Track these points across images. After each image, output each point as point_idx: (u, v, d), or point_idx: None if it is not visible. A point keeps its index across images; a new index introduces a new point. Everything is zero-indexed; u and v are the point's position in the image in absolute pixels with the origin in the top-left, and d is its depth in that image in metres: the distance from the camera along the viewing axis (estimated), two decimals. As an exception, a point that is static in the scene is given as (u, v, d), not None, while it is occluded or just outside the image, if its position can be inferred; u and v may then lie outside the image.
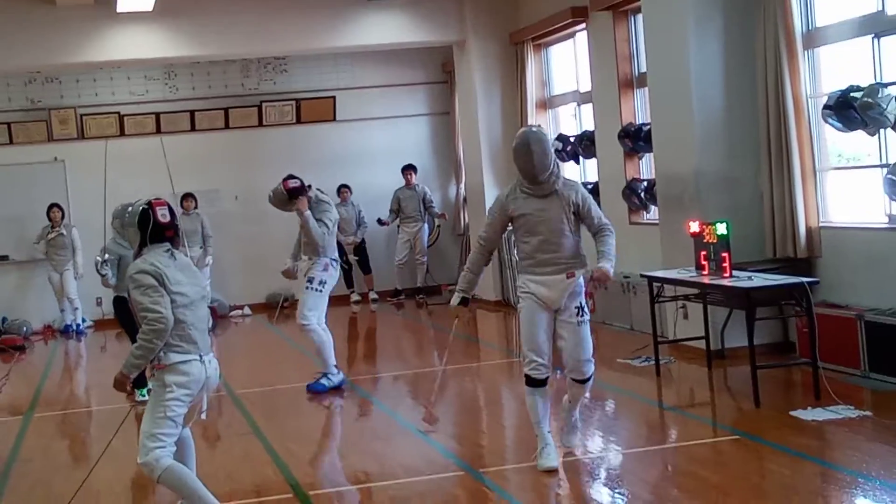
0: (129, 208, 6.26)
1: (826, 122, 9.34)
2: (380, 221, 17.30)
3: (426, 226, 17.35)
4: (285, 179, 10.49)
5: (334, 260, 10.57)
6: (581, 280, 7.03)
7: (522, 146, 6.88)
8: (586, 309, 7.07)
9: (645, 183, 12.39)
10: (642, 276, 10.26)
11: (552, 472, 6.77)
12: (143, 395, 6.05)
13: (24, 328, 16.37)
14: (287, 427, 9.12)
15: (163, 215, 6.13)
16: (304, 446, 8.34)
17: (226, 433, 9.34)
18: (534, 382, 7.00)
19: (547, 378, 7.02)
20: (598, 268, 6.98)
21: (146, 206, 6.14)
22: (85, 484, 7.50)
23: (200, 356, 6.08)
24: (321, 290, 10.52)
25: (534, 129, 7.08)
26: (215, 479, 7.16)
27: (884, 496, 6.10)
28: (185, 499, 6.23)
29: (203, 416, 6.41)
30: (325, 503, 6.72)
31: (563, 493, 6.74)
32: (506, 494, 6.63)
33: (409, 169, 17.23)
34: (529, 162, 6.86)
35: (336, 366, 10.49)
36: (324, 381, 10.36)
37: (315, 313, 10.48)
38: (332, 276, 10.58)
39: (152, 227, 6.10)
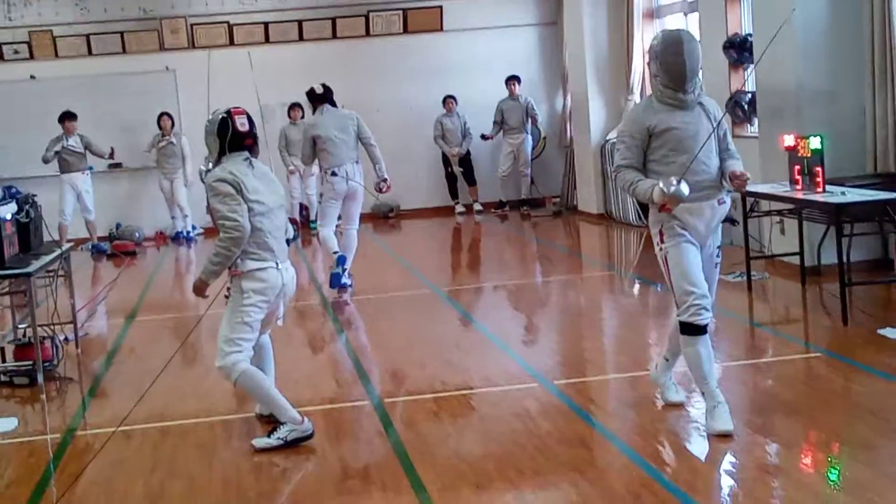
0: (209, 117, 6.35)
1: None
2: (483, 136, 17.22)
3: (530, 137, 17.19)
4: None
5: (330, 172, 10.93)
6: (728, 207, 6.10)
7: (674, 43, 5.87)
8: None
9: (749, 95, 12.10)
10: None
11: (727, 436, 5.83)
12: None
13: (137, 234, 16.83)
14: (374, 335, 9.25)
15: (241, 124, 6.21)
16: (387, 355, 8.45)
17: (311, 339, 9.51)
18: (696, 330, 5.94)
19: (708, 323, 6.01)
20: (734, 170, 5.96)
21: (225, 115, 6.23)
22: (172, 387, 7.79)
23: (277, 264, 6.19)
24: (322, 202, 11.34)
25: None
26: (295, 384, 7.31)
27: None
28: (260, 403, 6.42)
29: (279, 323, 6.55)
30: (398, 410, 6.80)
31: (639, 407, 6.72)
32: (574, 406, 6.63)
33: (512, 80, 17.05)
34: (681, 62, 5.82)
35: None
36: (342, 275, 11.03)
37: (323, 222, 11.23)
38: (330, 187, 11.02)
39: (231, 136, 6.18)
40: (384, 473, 5.67)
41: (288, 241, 6.45)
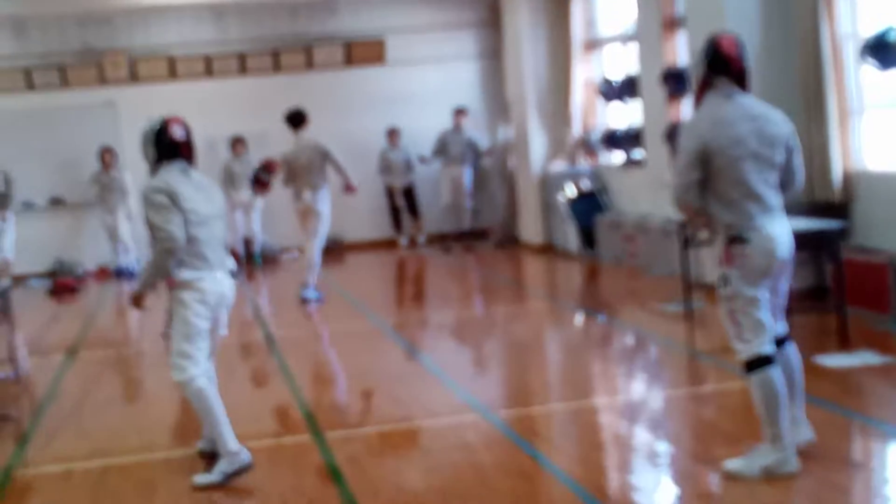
0: (146, 127, 6.32)
1: (864, 60, 9.21)
2: (421, 159, 17.22)
3: (471, 170, 17.24)
4: None
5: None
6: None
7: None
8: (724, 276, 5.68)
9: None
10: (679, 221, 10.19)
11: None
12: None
13: (79, 270, 16.69)
14: (317, 370, 9.24)
15: (177, 133, 6.18)
16: (330, 389, 8.45)
17: (254, 374, 9.50)
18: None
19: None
20: None
21: (161, 124, 6.20)
22: (113, 423, 7.75)
23: (215, 273, 6.18)
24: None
25: None
26: (236, 418, 7.23)
27: None
28: (205, 425, 6.31)
29: (224, 332, 6.47)
30: (340, 444, 6.79)
31: (582, 438, 6.77)
32: (517, 438, 6.66)
33: (460, 112, 17.11)
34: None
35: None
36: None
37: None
38: None
39: (167, 144, 6.15)
40: (326, 509, 5.67)
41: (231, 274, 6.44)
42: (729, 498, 5.50)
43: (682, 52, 12.30)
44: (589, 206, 14.60)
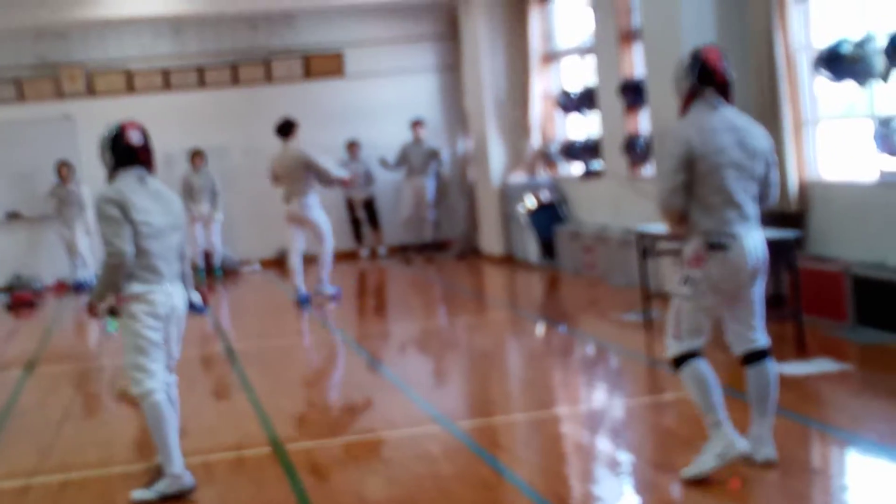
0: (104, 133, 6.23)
1: (818, 72, 9.33)
2: (383, 162, 17.17)
3: (433, 181, 17.27)
4: None
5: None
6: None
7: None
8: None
9: (642, 138, 12.36)
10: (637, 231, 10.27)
11: None
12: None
13: (37, 284, 16.56)
14: (277, 382, 9.20)
15: (134, 137, 6.08)
16: (290, 401, 8.42)
17: (215, 387, 9.47)
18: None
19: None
20: None
21: (117, 129, 6.09)
22: (72, 438, 7.70)
23: (164, 286, 6.08)
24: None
25: None
26: (198, 432, 7.26)
27: (856, 449, 6.15)
28: (154, 437, 6.21)
29: (177, 355, 6.36)
30: (301, 456, 6.78)
31: (543, 448, 6.80)
32: (477, 448, 6.67)
33: (417, 123, 17.13)
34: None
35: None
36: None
37: None
38: None
39: (123, 149, 6.04)
40: (287, 521, 5.66)
41: (198, 309, 6.37)
42: (689, 505, 5.55)
43: (638, 63, 12.38)
44: (548, 217, 14.67)
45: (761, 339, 5.90)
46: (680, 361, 5.77)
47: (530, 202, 14.86)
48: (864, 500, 5.39)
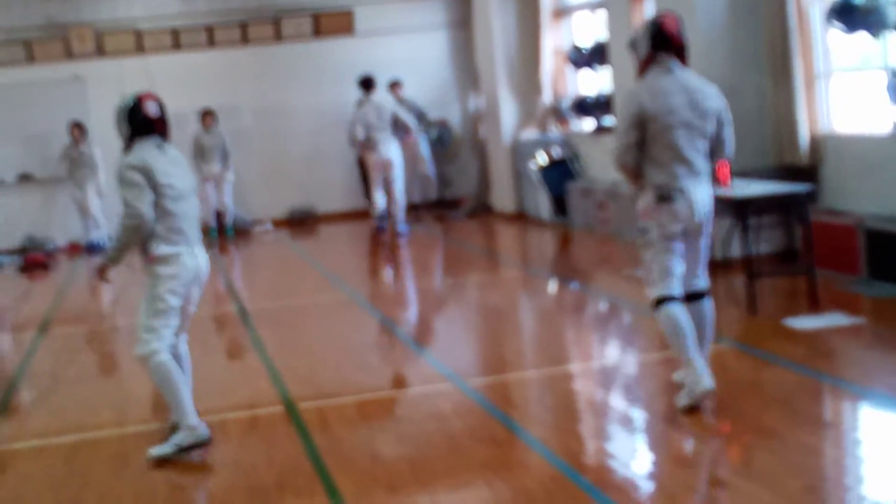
0: (120, 104, 6.29)
1: (830, 23, 9.24)
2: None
3: (424, 138, 17.12)
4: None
5: None
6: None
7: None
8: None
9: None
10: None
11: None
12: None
13: (50, 246, 16.59)
14: (289, 342, 9.22)
15: (151, 109, 6.17)
16: (301, 360, 8.43)
17: (228, 347, 9.49)
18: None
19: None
20: None
21: (134, 100, 6.18)
22: (86, 398, 7.74)
23: (191, 248, 6.17)
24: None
25: None
26: (210, 391, 7.27)
27: (869, 403, 6.14)
28: (166, 399, 6.27)
29: (193, 309, 6.45)
30: (313, 414, 6.79)
31: (555, 405, 6.81)
32: (489, 406, 6.68)
33: (395, 85, 16.88)
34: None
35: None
36: None
37: None
38: None
39: (141, 121, 6.14)
40: (298, 479, 5.67)
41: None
42: (703, 460, 5.55)
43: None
44: (560, 174, 14.61)
45: (702, 281, 6.36)
46: (657, 304, 6.20)
47: (542, 159, 14.80)
48: (877, 453, 5.38)
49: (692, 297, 6.33)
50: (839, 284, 8.84)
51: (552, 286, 11.05)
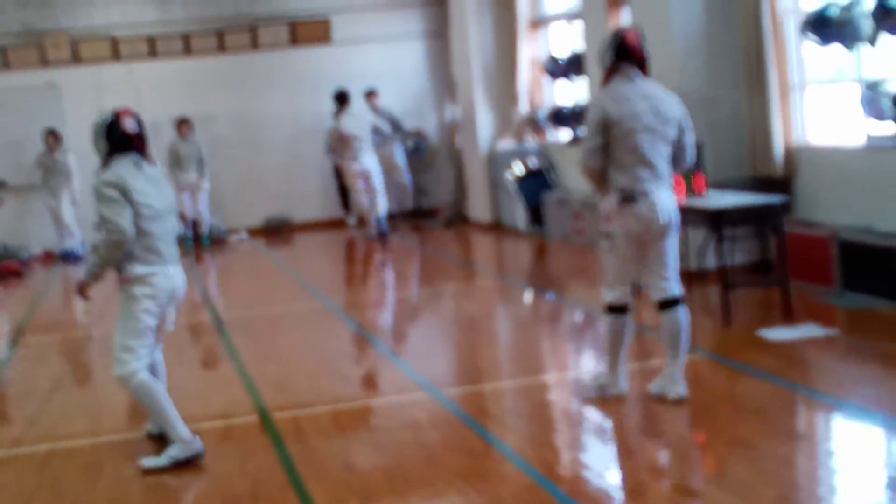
0: (97, 120, 6.27)
1: (805, 35, 9.30)
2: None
3: (399, 147, 17.12)
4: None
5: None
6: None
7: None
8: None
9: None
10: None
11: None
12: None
13: (24, 254, 16.49)
14: (264, 351, 9.20)
15: (129, 125, 6.16)
16: (276, 369, 8.41)
17: (202, 356, 9.46)
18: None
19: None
20: None
21: (112, 117, 6.17)
22: (59, 407, 7.69)
23: (167, 267, 6.16)
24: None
25: None
26: (184, 400, 7.20)
27: (842, 414, 6.16)
28: (154, 416, 6.32)
29: (171, 328, 6.48)
30: (287, 424, 6.78)
31: (530, 415, 6.81)
32: (464, 416, 6.68)
33: (370, 94, 16.91)
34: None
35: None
36: None
37: None
38: None
39: (119, 137, 6.12)
40: (272, 489, 5.65)
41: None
42: (677, 470, 5.56)
43: (626, 29, 12.31)
44: (537, 184, 14.63)
45: (674, 288, 6.50)
46: (611, 310, 6.56)
47: (518, 169, 14.82)
48: (850, 464, 5.40)
49: (665, 305, 6.48)
50: (813, 295, 8.88)
51: (528, 296, 11.06)
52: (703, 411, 6.35)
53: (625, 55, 6.39)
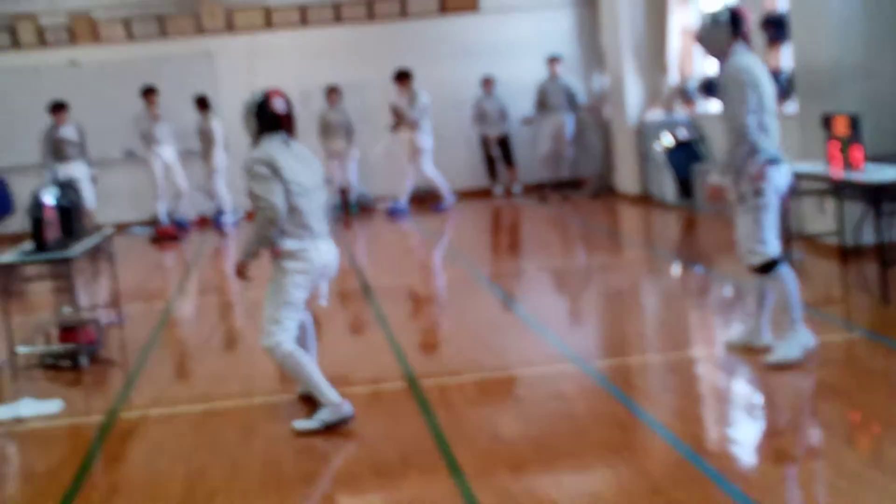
0: (248, 99, 6.45)
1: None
2: (526, 120, 17.09)
3: (571, 117, 17.08)
4: None
5: None
6: None
7: None
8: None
9: (784, 74, 12.02)
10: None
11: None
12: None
13: (181, 219, 16.84)
14: (414, 318, 9.30)
15: (278, 105, 6.33)
16: (426, 337, 8.50)
17: (351, 322, 9.59)
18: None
19: None
20: None
21: (262, 97, 6.34)
22: (214, 369, 7.90)
23: (317, 242, 6.29)
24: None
25: None
26: (334, 366, 7.35)
27: None
28: (302, 384, 6.48)
29: (324, 303, 6.63)
30: (434, 391, 6.84)
31: (678, 389, 6.75)
32: (612, 388, 6.65)
33: (553, 60, 16.92)
34: None
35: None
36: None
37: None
38: None
39: (268, 117, 6.30)
40: (421, 456, 5.72)
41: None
42: (830, 450, 5.44)
43: (782, -3, 12.05)
44: (686, 156, 14.42)
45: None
46: (769, 267, 6.73)
47: (667, 140, 14.63)
48: None
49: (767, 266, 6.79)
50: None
51: (676, 269, 10.94)
52: (860, 390, 6.21)
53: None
